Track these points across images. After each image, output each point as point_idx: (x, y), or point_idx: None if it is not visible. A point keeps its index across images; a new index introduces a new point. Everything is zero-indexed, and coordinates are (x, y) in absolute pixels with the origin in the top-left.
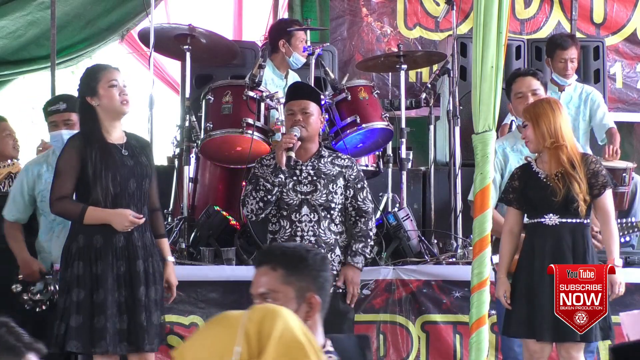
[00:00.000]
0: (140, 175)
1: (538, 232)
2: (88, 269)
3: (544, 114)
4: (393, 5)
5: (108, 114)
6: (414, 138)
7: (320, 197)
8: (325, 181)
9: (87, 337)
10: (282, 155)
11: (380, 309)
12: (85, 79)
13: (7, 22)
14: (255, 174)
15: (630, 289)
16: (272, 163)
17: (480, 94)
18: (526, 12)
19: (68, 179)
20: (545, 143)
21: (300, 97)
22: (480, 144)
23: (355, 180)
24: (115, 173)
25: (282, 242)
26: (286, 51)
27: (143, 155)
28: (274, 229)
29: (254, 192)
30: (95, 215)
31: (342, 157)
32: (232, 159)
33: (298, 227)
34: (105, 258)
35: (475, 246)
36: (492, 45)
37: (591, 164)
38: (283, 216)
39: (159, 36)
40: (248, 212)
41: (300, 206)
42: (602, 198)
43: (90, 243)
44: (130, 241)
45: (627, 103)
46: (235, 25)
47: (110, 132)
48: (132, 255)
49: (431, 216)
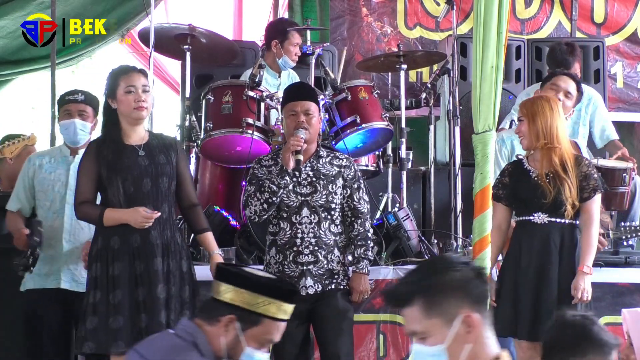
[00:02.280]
0: (156, 175)
1: (526, 229)
2: (105, 270)
3: (541, 112)
4: (393, 5)
5: (125, 119)
6: (414, 138)
7: (320, 198)
8: (324, 182)
9: (102, 338)
10: (290, 157)
11: (380, 309)
12: (109, 81)
13: (7, 22)
14: (255, 174)
15: (630, 289)
16: (272, 164)
17: (480, 94)
18: (527, 12)
19: (87, 183)
20: (538, 142)
21: (302, 98)
22: (480, 144)
23: (352, 180)
24: (127, 174)
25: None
26: (277, 52)
27: (162, 155)
28: (274, 230)
29: (258, 194)
30: (113, 216)
31: (340, 156)
32: (232, 159)
33: (298, 229)
34: (122, 258)
35: (475, 246)
36: (492, 45)
37: (583, 167)
38: (283, 218)
39: (159, 36)
40: (251, 214)
41: (301, 208)
42: (590, 202)
43: (108, 244)
44: (147, 240)
45: (627, 103)
46: (235, 25)
47: (129, 134)
48: (149, 254)
49: (431, 216)
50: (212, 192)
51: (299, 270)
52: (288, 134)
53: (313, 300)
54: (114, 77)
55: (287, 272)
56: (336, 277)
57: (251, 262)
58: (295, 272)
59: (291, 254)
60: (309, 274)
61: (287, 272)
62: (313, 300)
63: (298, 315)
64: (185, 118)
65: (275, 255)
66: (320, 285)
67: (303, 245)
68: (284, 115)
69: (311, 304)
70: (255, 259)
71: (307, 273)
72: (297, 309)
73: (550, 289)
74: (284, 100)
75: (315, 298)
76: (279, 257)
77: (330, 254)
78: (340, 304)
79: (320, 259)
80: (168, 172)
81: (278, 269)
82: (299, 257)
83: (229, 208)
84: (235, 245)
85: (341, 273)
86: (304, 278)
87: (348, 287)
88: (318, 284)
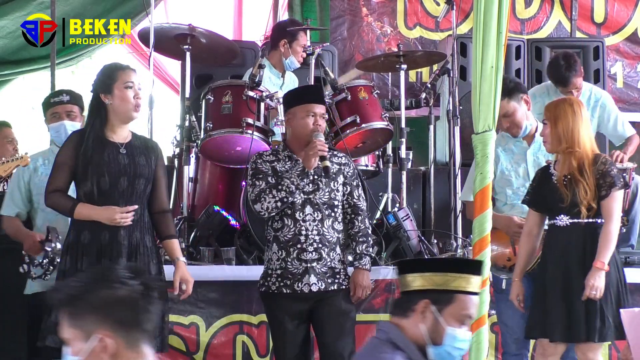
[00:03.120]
0: (134, 175)
1: (553, 233)
2: (74, 264)
3: (563, 116)
4: (393, 5)
5: (117, 115)
6: (414, 138)
7: (323, 195)
8: (327, 179)
9: None
10: (314, 160)
11: (380, 309)
12: (102, 76)
13: (7, 22)
14: (260, 169)
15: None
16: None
17: (480, 94)
18: (527, 12)
19: (63, 173)
20: (560, 146)
21: (320, 102)
22: (480, 144)
23: (352, 177)
24: (104, 170)
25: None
26: (284, 52)
27: (143, 156)
28: (276, 226)
29: (275, 191)
30: (84, 211)
31: (338, 154)
32: (232, 159)
33: (302, 226)
34: (90, 254)
35: (475, 246)
36: (492, 45)
37: (600, 165)
38: (287, 214)
39: (159, 36)
40: (262, 210)
41: (304, 205)
42: (608, 199)
43: (78, 239)
44: (115, 239)
45: (627, 103)
46: (235, 25)
47: (115, 131)
48: (115, 253)
49: (431, 216)
50: (212, 192)
51: (303, 267)
52: (300, 134)
53: (314, 300)
54: (109, 72)
55: (290, 269)
56: (337, 276)
57: (251, 262)
58: (298, 269)
59: (295, 251)
60: (313, 271)
61: (290, 269)
62: (314, 299)
63: (298, 315)
64: (185, 118)
65: (278, 252)
66: (323, 284)
67: (307, 243)
68: (297, 114)
69: (312, 303)
70: (255, 259)
71: (311, 270)
72: (298, 309)
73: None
74: (299, 99)
75: (317, 297)
76: (282, 253)
77: (332, 252)
78: (342, 305)
79: (324, 257)
80: (146, 174)
81: (280, 265)
82: (302, 254)
83: (229, 208)
84: (235, 245)
85: (342, 272)
86: (308, 275)
87: (349, 287)
88: (321, 282)
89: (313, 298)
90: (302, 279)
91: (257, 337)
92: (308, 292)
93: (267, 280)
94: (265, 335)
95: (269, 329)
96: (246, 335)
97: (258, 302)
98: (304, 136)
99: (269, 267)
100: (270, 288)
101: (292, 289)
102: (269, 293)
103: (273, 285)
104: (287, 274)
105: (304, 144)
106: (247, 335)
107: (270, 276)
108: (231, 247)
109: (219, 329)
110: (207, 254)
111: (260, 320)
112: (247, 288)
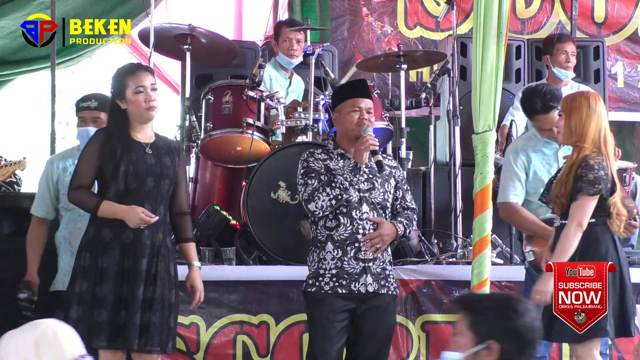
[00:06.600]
0: (160, 175)
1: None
2: (94, 261)
3: (578, 109)
4: (393, 5)
5: (135, 118)
6: (414, 138)
7: (378, 195)
8: (381, 180)
9: (85, 329)
10: (366, 155)
11: None
12: (115, 81)
13: (7, 22)
14: (311, 167)
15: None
16: (327, 158)
17: (480, 94)
18: (527, 12)
19: (88, 170)
20: (570, 139)
21: (364, 95)
22: (480, 144)
23: (403, 182)
24: (132, 168)
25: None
26: (276, 51)
27: (167, 157)
28: (330, 225)
29: (328, 189)
30: (109, 209)
31: (388, 156)
32: (232, 159)
33: (359, 225)
34: (111, 252)
35: (475, 246)
36: (492, 45)
37: (579, 168)
38: (343, 213)
39: (159, 36)
40: (317, 209)
41: (360, 203)
42: (574, 203)
43: (99, 235)
44: (139, 239)
45: (628, 102)
46: (235, 25)
47: (138, 131)
48: (138, 253)
49: (431, 216)
50: (212, 192)
51: (360, 266)
52: (347, 129)
53: (364, 300)
54: (120, 78)
55: (347, 269)
56: (389, 279)
57: (251, 262)
58: (355, 269)
59: (352, 250)
60: (369, 271)
61: (347, 269)
62: (365, 299)
63: (348, 315)
64: (185, 118)
65: (333, 251)
66: (377, 285)
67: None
68: (342, 110)
69: (363, 303)
70: (255, 259)
71: (368, 270)
72: (348, 308)
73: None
74: (343, 95)
75: (368, 297)
76: (338, 252)
77: (385, 252)
78: (392, 320)
79: (379, 256)
80: (170, 175)
81: (336, 264)
82: (360, 253)
83: (229, 208)
84: (235, 245)
85: (391, 277)
86: (365, 275)
87: (397, 293)
88: (376, 282)
89: (365, 299)
90: (359, 279)
91: (258, 337)
92: (365, 292)
93: (319, 280)
94: (265, 335)
95: (308, 329)
96: (246, 335)
97: (258, 302)
98: (351, 131)
99: (320, 267)
100: (323, 288)
101: (348, 288)
102: (321, 293)
103: (326, 285)
104: (343, 274)
105: (353, 140)
106: (247, 335)
107: (323, 276)
108: (231, 247)
109: (219, 329)
110: (207, 254)
111: (261, 320)
112: (247, 288)
